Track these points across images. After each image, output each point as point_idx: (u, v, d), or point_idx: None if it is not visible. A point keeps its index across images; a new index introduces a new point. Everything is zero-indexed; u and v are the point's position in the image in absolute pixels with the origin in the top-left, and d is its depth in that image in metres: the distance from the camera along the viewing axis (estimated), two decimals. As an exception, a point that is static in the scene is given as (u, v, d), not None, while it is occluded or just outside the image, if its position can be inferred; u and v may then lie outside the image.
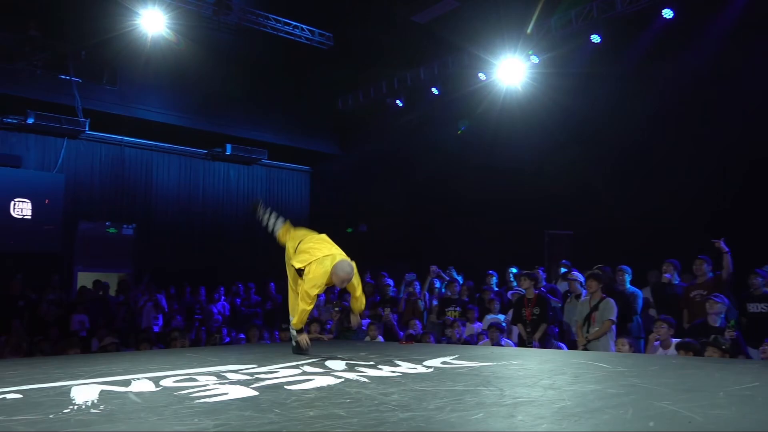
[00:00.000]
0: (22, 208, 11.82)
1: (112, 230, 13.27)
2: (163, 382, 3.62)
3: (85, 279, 12.25)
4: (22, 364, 4.81)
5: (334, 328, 8.28)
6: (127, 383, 3.60)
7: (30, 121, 11.79)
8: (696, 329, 6.13)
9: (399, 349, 5.52)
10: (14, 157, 12.03)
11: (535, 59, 10.89)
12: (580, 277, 7.59)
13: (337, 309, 8.41)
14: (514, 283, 8.80)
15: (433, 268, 9.46)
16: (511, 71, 11.23)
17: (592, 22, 10.13)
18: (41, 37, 11.14)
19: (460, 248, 11.57)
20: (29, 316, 9.69)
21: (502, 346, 6.89)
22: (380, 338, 7.83)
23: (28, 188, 11.99)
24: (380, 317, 8.70)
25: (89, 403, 3.00)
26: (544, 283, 8.32)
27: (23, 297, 10.13)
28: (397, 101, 13.40)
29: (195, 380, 3.71)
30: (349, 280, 4.69)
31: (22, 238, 11.76)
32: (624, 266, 7.52)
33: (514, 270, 8.98)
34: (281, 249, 5.25)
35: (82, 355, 6.79)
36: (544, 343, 7.09)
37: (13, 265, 11.17)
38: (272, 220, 5.34)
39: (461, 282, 9.39)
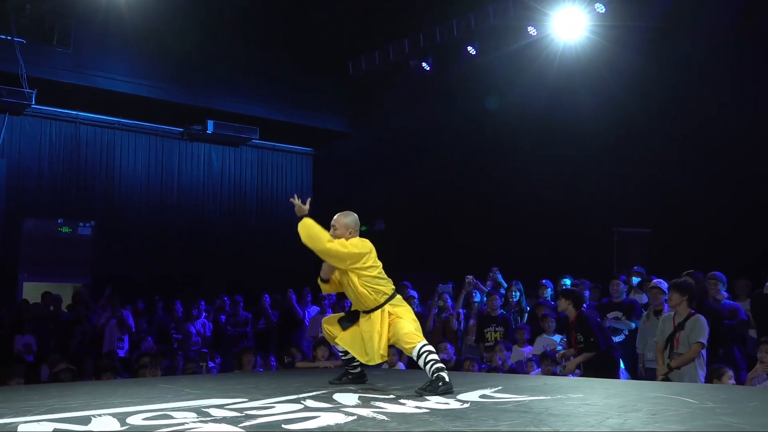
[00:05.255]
0: (-47, 202, 12.02)
1: (65, 229, 13.43)
2: (130, 420, 3.68)
3: (31, 291, 12.41)
4: (-45, 396, 4.90)
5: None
6: (86, 421, 3.67)
7: (-38, 93, 12.00)
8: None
9: (425, 380, 5.52)
10: (-57, 138, 12.24)
11: (600, 8, 10.80)
12: (664, 286, 7.50)
13: None
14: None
15: (470, 278, 9.43)
16: (570, 24, 11.15)
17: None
18: (-24, -13, 11.27)
19: (504, 251, 11.51)
20: (-37, 337, 9.87)
21: (556, 374, 6.87)
22: (401, 365, 7.84)
23: (-39, 177, 12.17)
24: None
25: (39, 445, 3.06)
26: (624, 296, 8.22)
27: (-45, 313, 10.33)
28: (423, 64, 13.35)
29: (170, 417, 3.77)
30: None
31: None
32: (717, 273, 7.42)
33: (567, 281, 8.93)
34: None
35: (30, 385, 6.91)
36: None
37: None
38: None
39: (506, 286, 9.36)
